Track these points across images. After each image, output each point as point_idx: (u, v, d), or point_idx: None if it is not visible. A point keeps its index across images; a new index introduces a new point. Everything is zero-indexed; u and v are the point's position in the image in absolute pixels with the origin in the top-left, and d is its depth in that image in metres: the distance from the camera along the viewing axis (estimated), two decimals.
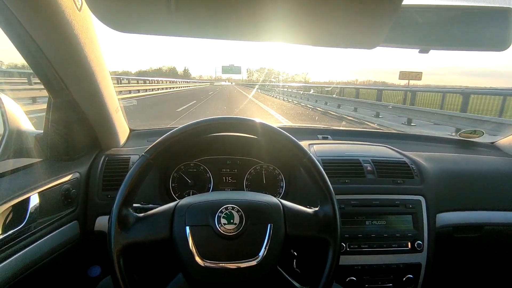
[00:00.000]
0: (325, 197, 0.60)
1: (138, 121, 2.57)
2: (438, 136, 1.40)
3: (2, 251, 0.59)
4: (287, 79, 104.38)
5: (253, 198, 0.60)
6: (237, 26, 0.40)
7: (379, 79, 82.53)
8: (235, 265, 0.52)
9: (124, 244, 0.53)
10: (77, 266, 0.86)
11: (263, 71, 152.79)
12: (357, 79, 74.15)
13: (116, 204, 0.54)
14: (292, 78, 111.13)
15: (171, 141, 0.59)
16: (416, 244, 0.87)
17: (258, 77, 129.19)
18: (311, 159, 0.61)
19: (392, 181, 0.94)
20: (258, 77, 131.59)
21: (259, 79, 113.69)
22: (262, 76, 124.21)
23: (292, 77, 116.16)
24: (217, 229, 0.53)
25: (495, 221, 0.99)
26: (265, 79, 65.20)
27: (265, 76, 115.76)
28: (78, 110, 0.83)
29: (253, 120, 0.61)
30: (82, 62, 0.73)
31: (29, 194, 0.67)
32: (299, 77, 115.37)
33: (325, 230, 0.58)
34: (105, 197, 0.87)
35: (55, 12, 0.60)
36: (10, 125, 0.78)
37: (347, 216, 0.88)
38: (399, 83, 25.54)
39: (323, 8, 0.38)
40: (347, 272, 0.87)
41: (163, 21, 0.40)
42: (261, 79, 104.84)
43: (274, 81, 46.01)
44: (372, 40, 0.46)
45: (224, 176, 1.02)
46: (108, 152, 0.96)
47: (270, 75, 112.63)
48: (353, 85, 24.23)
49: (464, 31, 0.56)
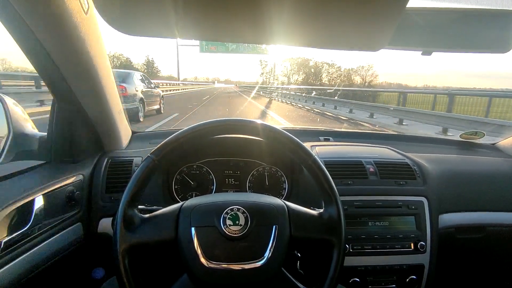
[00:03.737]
0: (329, 198, 0.60)
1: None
2: (439, 138, 1.41)
3: (8, 253, 0.59)
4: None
5: (258, 199, 0.60)
6: (244, 29, 0.40)
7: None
8: (239, 266, 0.53)
9: (130, 244, 0.53)
10: (80, 268, 0.86)
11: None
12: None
13: (122, 205, 0.54)
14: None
15: (177, 143, 0.59)
16: (419, 245, 0.87)
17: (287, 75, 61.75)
18: (315, 161, 0.61)
19: (395, 182, 0.95)
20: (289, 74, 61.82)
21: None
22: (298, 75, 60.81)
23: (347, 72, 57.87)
24: (222, 230, 0.53)
25: (498, 222, 0.99)
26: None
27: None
28: (82, 112, 0.83)
29: (258, 122, 0.62)
30: (87, 65, 0.73)
31: (34, 196, 0.67)
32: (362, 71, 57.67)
33: (330, 232, 0.59)
34: (108, 199, 0.87)
35: (62, 15, 0.61)
36: (14, 127, 0.78)
37: (350, 217, 0.88)
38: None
39: (329, 12, 0.39)
40: (350, 273, 0.87)
41: (170, 24, 0.40)
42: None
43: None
44: (377, 43, 0.46)
45: (227, 178, 1.03)
46: (111, 155, 0.96)
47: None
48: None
49: (466, 33, 0.56)
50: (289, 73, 38.58)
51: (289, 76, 38.43)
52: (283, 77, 37.37)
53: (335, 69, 49.11)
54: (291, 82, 34.18)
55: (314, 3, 0.37)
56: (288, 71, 42.57)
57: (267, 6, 0.37)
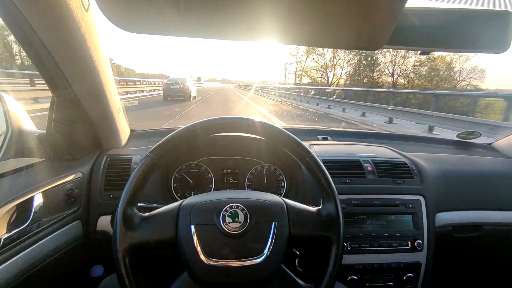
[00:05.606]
0: (327, 195, 0.61)
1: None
2: (436, 137, 1.42)
3: (7, 250, 0.59)
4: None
5: (257, 197, 0.60)
6: (247, 27, 0.41)
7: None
8: (239, 263, 0.53)
9: (130, 243, 0.53)
10: (79, 265, 0.86)
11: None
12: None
13: (121, 204, 0.54)
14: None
15: (175, 141, 0.59)
16: (416, 243, 0.88)
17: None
18: (313, 158, 0.61)
19: (392, 181, 0.95)
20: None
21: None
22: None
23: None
24: (222, 227, 0.54)
25: (494, 220, 1.00)
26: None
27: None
28: (81, 109, 0.83)
29: (256, 120, 0.62)
30: (86, 62, 0.73)
31: (33, 194, 0.67)
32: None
33: (329, 228, 0.59)
34: (107, 197, 0.87)
35: (62, 12, 0.61)
36: (12, 125, 0.78)
37: (348, 216, 0.89)
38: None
39: (329, 11, 0.39)
40: (348, 271, 0.88)
41: (172, 21, 0.40)
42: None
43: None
44: (376, 42, 0.47)
45: (226, 176, 1.03)
46: (110, 152, 0.96)
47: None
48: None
49: (464, 33, 0.57)
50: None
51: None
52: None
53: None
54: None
55: (314, 1, 0.38)
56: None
57: (271, 5, 0.37)
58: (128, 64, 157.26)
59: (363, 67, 27.99)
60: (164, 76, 59.94)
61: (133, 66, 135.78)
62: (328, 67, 29.77)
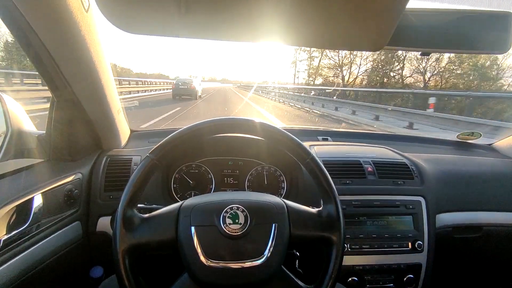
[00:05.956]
0: (328, 196, 0.60)
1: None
2: (437, 138, 1.42)
3: (7, 251, 0.59)
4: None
5: (258, 198, 0.60)
6: (248, 28, 0.41)
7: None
8: (239, 265, 0.53)
9: (130, 244, 0.53)
10: (79, 266, 0.86)
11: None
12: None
13: (121, 205, 0.54)
14: None
15: (175, 142, 0.59)
16: (417, 244, 0.88)
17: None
18: (314, 159, 0.61)
19: (393, 182, 0.95)
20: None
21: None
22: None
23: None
24: (222, 229, 0.53)
25: (494, 221, 1.00)
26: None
27: None
28: (81, 110, 0.83)
29: (256, 120, 0.62)
30: (86, 63, 0.73)
31: (33, 195, 0.66)
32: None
33: (329, 229, 0.59)
34: (107, 198, 0.87)
35: (63, 12, 0.60)
36: (12, 125, 0.77)
37: (349, 217, 0.89)
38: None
39: (330, 12, 0.39)
40: (348, 272, 0.87)
41: (173, 23, 0.40)
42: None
43: None
44: (377, 43, 0.47)
45: (226, 177, 1.03)
46: (110, 153, 0.96)
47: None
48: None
49: (465, 34, 0.57)
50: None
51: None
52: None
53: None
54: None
55: (315, 2, 0.38)
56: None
57: (271, 6, 0.37)
58: (124, 63, 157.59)
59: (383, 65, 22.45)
60: (163, 76, 59.74)
61: (130, 66, 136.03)
62: (344, 64, 25.71)
